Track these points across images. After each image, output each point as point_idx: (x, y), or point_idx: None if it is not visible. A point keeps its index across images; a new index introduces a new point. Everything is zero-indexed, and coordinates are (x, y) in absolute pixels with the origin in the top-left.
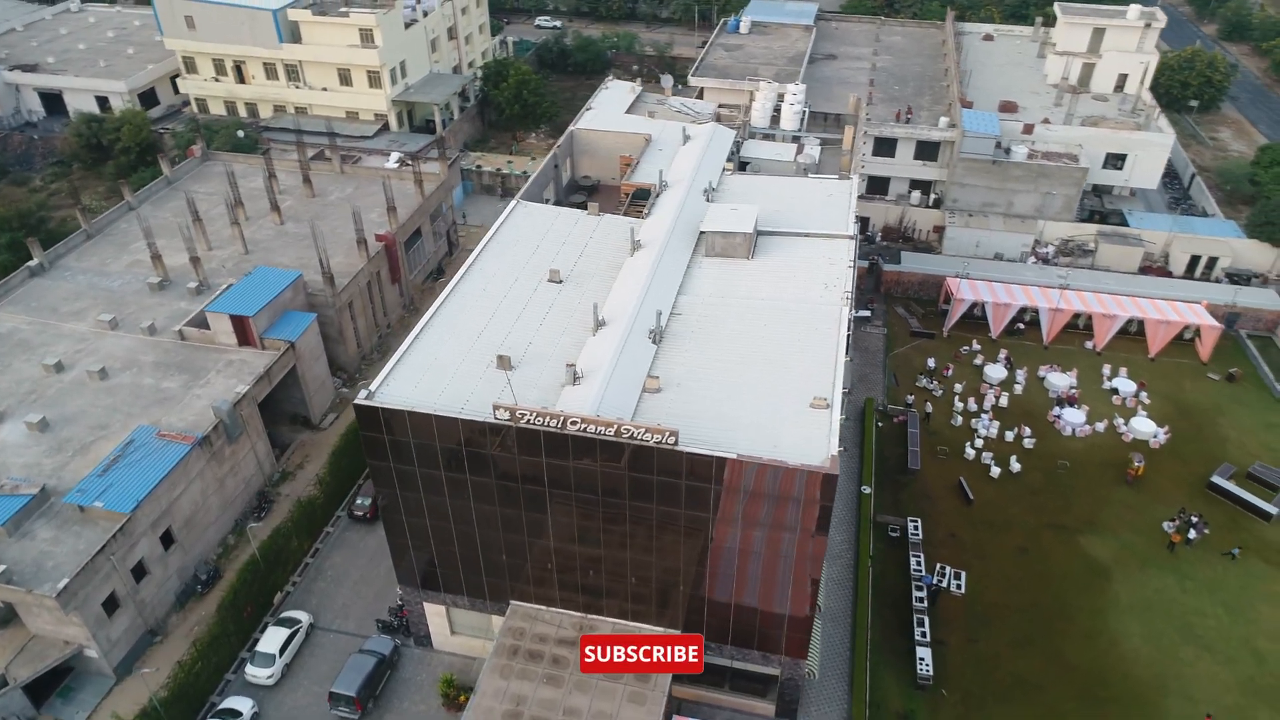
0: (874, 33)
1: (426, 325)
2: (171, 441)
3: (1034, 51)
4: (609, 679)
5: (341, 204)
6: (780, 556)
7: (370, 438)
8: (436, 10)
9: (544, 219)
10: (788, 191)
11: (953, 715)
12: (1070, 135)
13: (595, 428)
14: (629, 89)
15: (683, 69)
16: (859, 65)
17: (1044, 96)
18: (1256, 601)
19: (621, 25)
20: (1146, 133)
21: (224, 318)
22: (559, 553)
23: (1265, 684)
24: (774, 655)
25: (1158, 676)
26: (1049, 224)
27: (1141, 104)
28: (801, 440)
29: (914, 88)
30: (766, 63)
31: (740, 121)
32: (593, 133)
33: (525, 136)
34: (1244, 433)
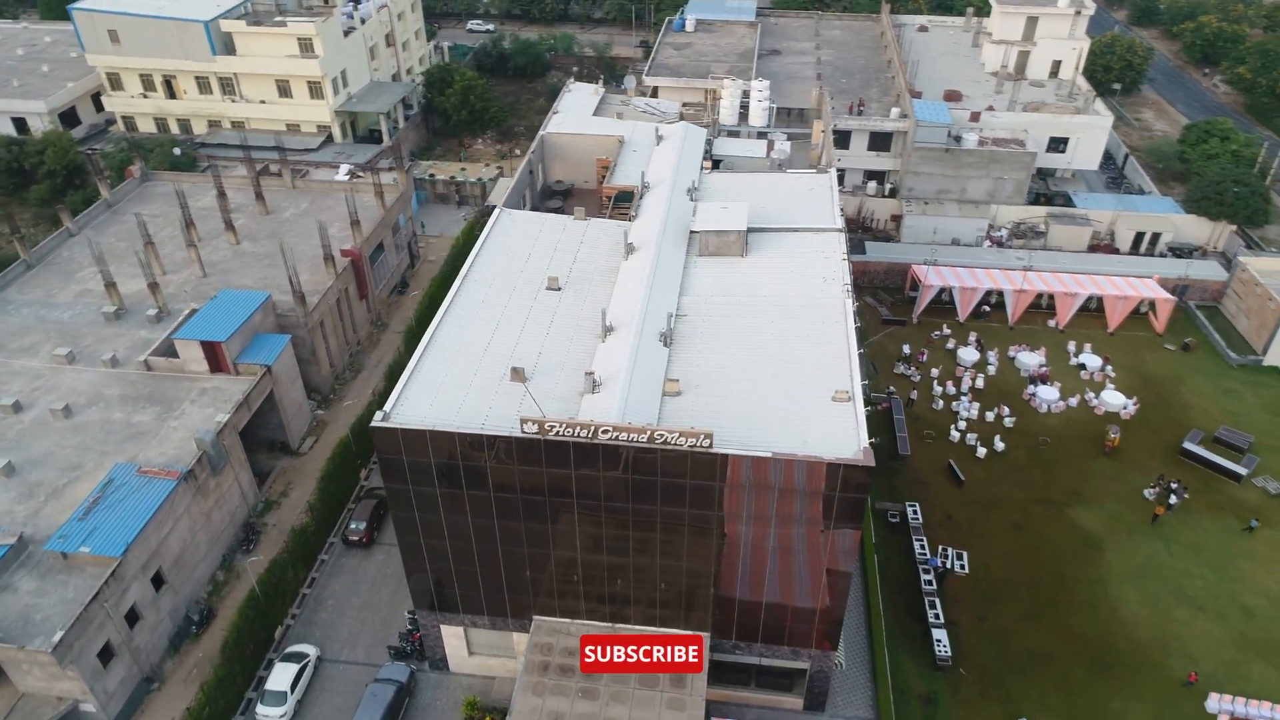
0: (814, 27)
1: (431, 341)
2: (154, 478)
3: (968, 41)
4: (644, 687)
5: (298, 220)
6: (813, 550)
7: (388, 460)
8: (373, 17)
9: (530, 226)
10: (769, 187)
11: (973, 693)
12: (1015, 121)
13: (627, 435)
14: (592, 91)
15: (622, 69)
16: (804, 60)
17: (984, 85)
18: (1238, 559)
19: (556, 27)
20: (1087, 116)
21: (194, 344)
22: (585, 564)
23: (1256, 637)
24: (804, 649)
25: (1158, 639)
26: (1001, 208)
27: (1077, 89)
28: (830, 434)
29: (860, 80)
30: (717, 60)
31: (709, 119)
32: (564, 136)
33: (472, 143)
34: (1204, 399)
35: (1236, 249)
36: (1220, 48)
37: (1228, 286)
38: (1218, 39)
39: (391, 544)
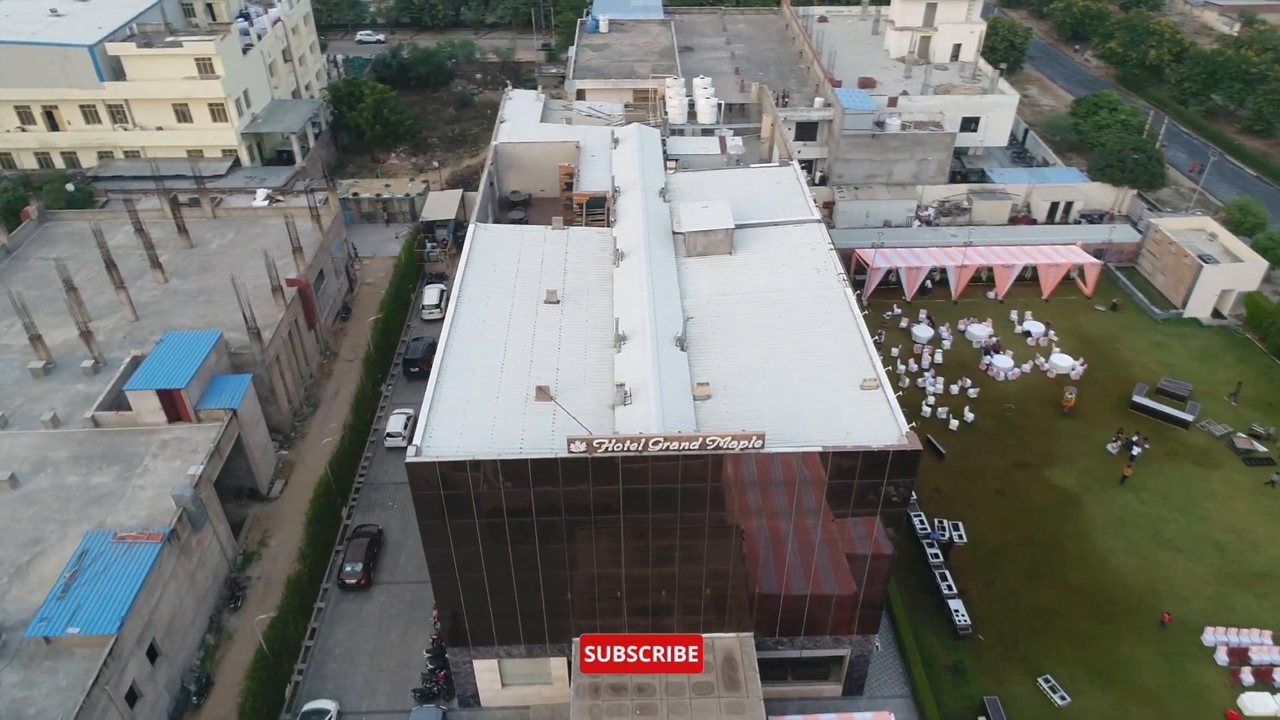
0: (720, 23)
1: (443, 368)
2: (135, 543)
3: (868, 30)
4: (700, 694)
5: (228, 252)
6: (859, 537)
7: (424, 497)
8: (269, 32)
9: (510, 239)
10: (737, 183)
11: (994, 657)
12: (930, 104)
13: (678, 444)
14: (534, 97)
15: (528, 73)
16: (719, 55)
17: (893, 71)
18: (1202, 501)
19: (449, 33)
20: (994, 96)
21: (149, 394)
22: (630, 577)
23: (1232, 571)
24: (846, 636)
25: (1148, 583)
26: (926, 188)
27: (980, 70)
28: (868, 422)
29: (776, 72)
30: (638, 59)
31: (659, 119)
32: (517, 146)
33: (386, 158)
34: (1139, 354)
35: (1140, 212)
36: (1088, 25)
37: (1141, 247)
38: (1085, 17)
39: (391, 582)
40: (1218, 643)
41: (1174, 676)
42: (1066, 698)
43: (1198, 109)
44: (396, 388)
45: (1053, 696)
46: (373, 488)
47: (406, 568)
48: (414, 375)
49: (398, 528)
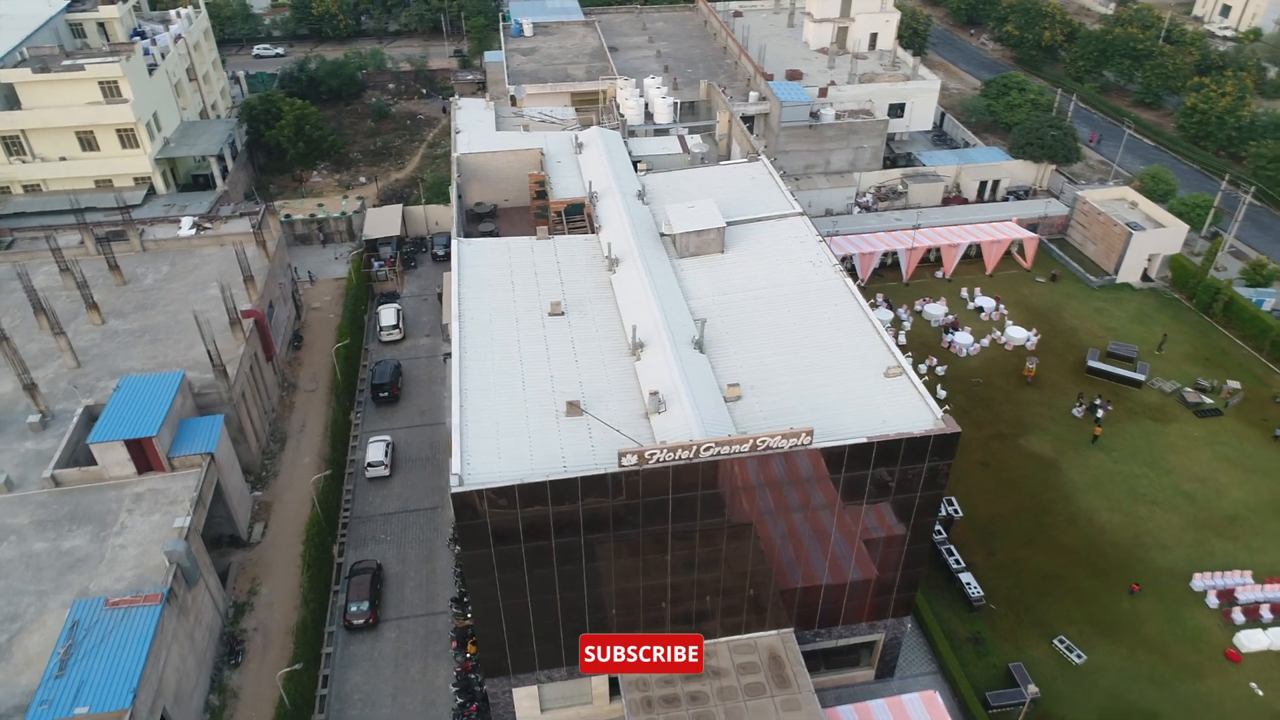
0: (638, 21)
1: (463, 392)
2: (131, 607)
3: (784, 23)
4: (752, 695)
5: (166, 286)
6: (897, 522)
7: (470, 527)
8: (171, 50)
9: (497, 253)
10: (712, 182)
11: (1008, 625)
12: (859, 93)
13: (729, 447)
14: (484, 105)
15: (444, 81)
16: (644, 54)
17: (815, 62)
18: (1166, 455)
19: (350, 44)
20: (917, 81)
21: (116, 446)
22: (675, 587)
23: (1204, 518)
24: (881, 621)
25: (1134, 537)
26: (863, 175)
27: (899, 58)
28: (901, 409)
29: (704, 69)
30: (571, 61)
31: (617, 121)
32: (480, 156)
33: (309, 176)
34: (1083, 320)
35: (1060, 186)
36: (981, 10)
37: (1070, 219)
38: (979, 2)
39: (399, 618)
40: (1206, 587)
41: (1173, 623)
42: (1082, 655)
43: (1092, 86)
44: (366, 415)
45: (1069, 655)
46: (361, 521)
47: (413, 600)
48: (383, 400)
49: (395, 560)
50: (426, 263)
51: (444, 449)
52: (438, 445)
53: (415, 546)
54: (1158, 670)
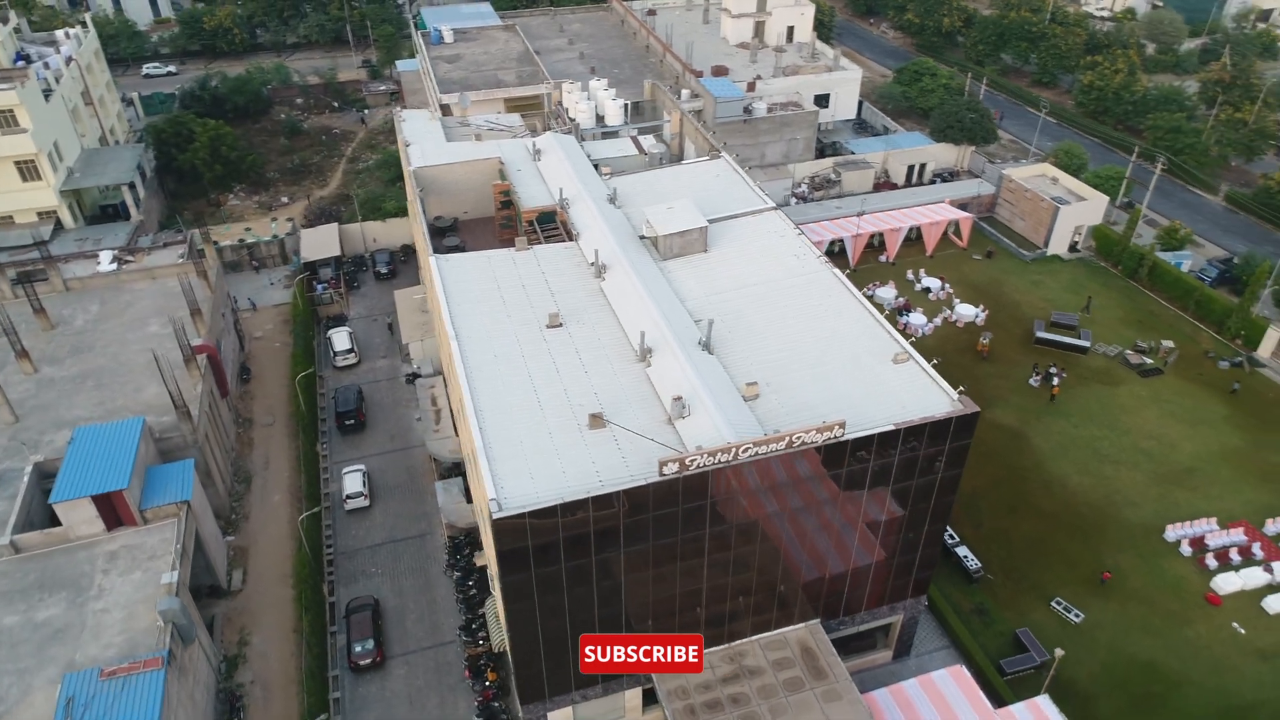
0: (555, 24)
1: (479, 415)
2: (130, 675)
3: (699, 19)
4: (791, 690)
5: (100, 328)
6: (920, 503)
7: (511, 552)
8: (65, 74)
9: (479, 268)
10: (679, 182)
11: (1007, 592)
12: (785, 86)
13: (766, 447)
14: (429, 116)
15: (355, 94)
16: (567, 56)
17: (737, 57)
18: (1120, 416)
19: (247, 59)
20: (839, 72)
21: (83, 503)
22: (710, 590)
23: (1164, 472)
24: (900, 602)
25: (1105, 497)
26: (798, 166)
27: (817, 50)
28: (917, 393)
29: (630, 68)
30: (499, 67)
31: (568, 125)
32: (436, 169)
33: (226, 199)
34: (1022, 293)
35: (981, 166)
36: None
37: (997, 198)
38: None
39: (406, 653)
40: (1178, 537)
41: (1155, 575)
42: (1080, 614)
43: (993, 68)
44: (333, 445)
45: (1068, 616)
46: (347, 556)
47: (417, 633)
48: (349, 429)
49: (391, 593)
50: (369, 282)
51: (422, 473)
52: (414, 470)
53: (409, 577)
54: (1149, 621)
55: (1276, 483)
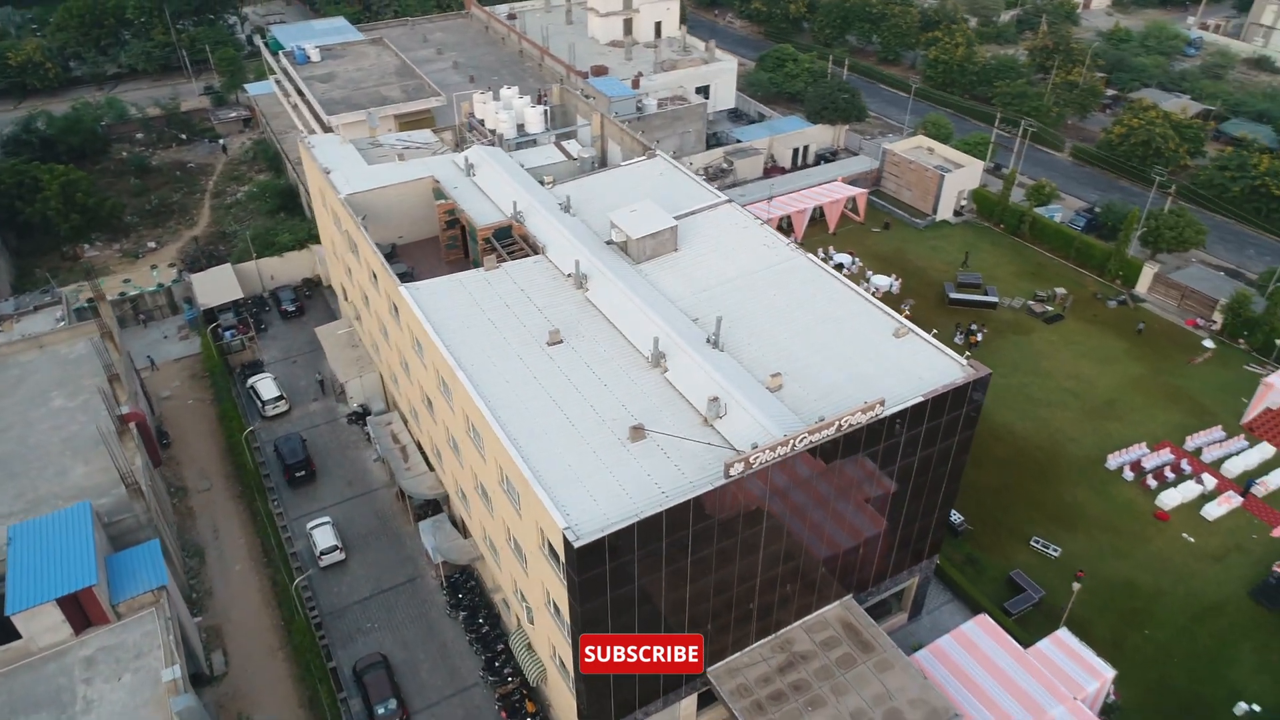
0: (416, 34)
1: (514, 443)
2: None
3: (561, 20)
4: (844, 667)
5: None
6: (940, 467)
7: (590, 579)
8: None
9: (452, 293)
10: (626, 184)
11: (990, 540)
12: (668, 80)
13: (819, 434)
14: (339, 140)
15: (203, 123)
16: (440, 66)
17: (611, 55)
18: (1039, 361)
19: (64, 95)
20: (716, 63)
21: (48, 609)
22: (762, 584)
23: (1090, 407)
24: (917, 565)
25: (1048, 437)
26: (693, 158)
27: (688, 44)
28: (928, 364)
29: (510, 74)
30: (379, 83)
31: (490, 137)
32: (368, 194)
33: (83, 251)
34: (924, 258)
35: (858, 144)
36: None
37: (882, 171)
38: None
39: (429, 706)
40: (1119, 464)
41: (1109, 502)
42: (1057, 549)
43: (841, 50)
44: (285, 501)
45: (1048, 552)
46: (335, 616)
47: (436, 683)
48: (299, 480)
49: (396, 646)
50: (276, 322)
51: (393, 516)
52: (384, 514)
53: (410, 626)
54: (1115, 544)
55: (1181, 403)
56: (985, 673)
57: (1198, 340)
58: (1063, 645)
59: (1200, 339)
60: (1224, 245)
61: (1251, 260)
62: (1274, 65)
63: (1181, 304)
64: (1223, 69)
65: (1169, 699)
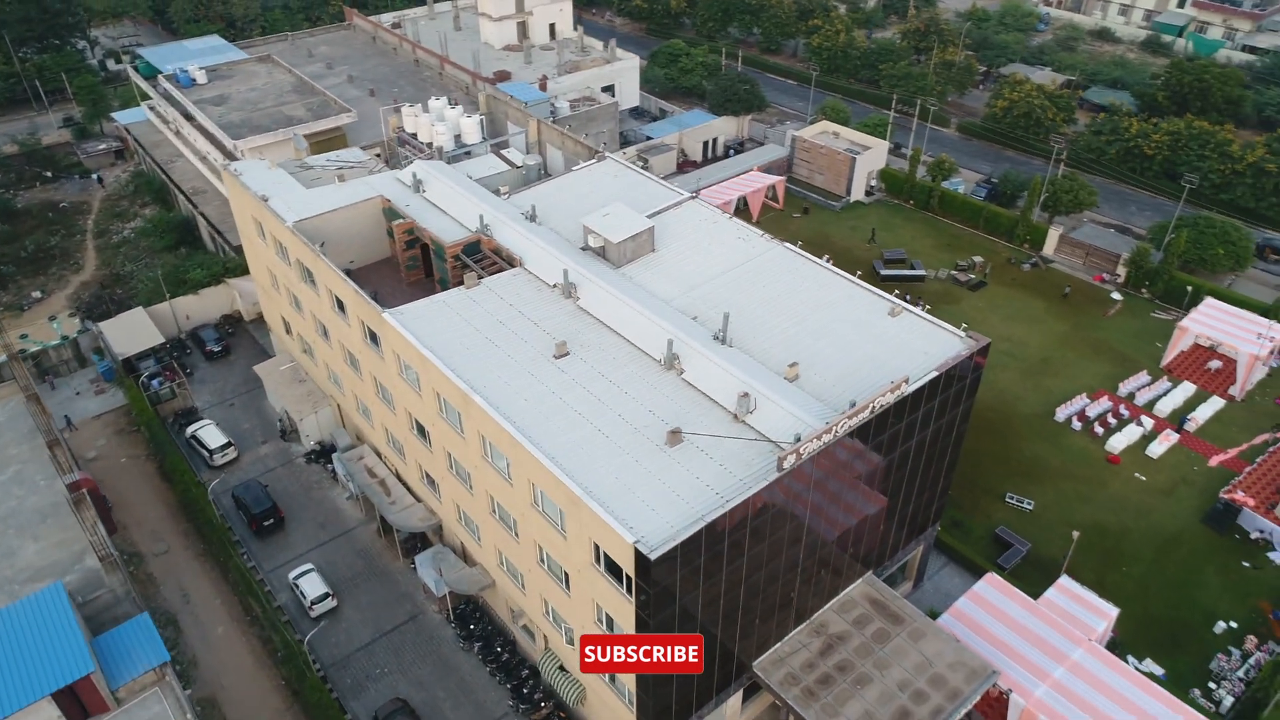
0: (298, 49)
1: (551, 459)
2: None
3: (449, 26)
4: (879, 642)
5: None
6: (946, 436)
7: (662, 590)
8: None
9: (440, 315)
10: (582, 188)
11: (967, 502)
12: (576, 81)
13: (858, 417)
14: (268, 165)
15: (66, 157)
16: (334, 81)
17: (510, 60)
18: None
19: None
20: (618, 62)
21: (43, 705)
22: (803, 572)
23: (1027, 366)
24: (924, 532)
25: (998, 398)
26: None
27: (585, 44)
28: (928, 337)
29: (412, 85)
30: (280, 102)
31: (431, 150)
32: (316, 219)
33: None
34: (846, 238)
35: (763, 133)
36: None
37: (792, 158)
38: None
39: None
40: (1066, 416)
41: (1065, 452)
42: (1030, 502)
43: (724, 43)
44: (253, 553)
45: (1022, 506)
46: (339, 667)
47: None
48: (267, 530)
49: (412, 689)
50: (201, 364)
51: (377, 554)
52: (367, 552)
53: (422, 665)
54: (1079, 491)
55: (1105, 353)
56: (1005, 627)
57: (1107, 294)
58: (1067, 591)
59: (1109, 292)
60: (1109, 204)
61: (1134, 216)
62: (1115, 36)
63: (1086, 261)
64: (1074, 41)
65: (1156, 629)
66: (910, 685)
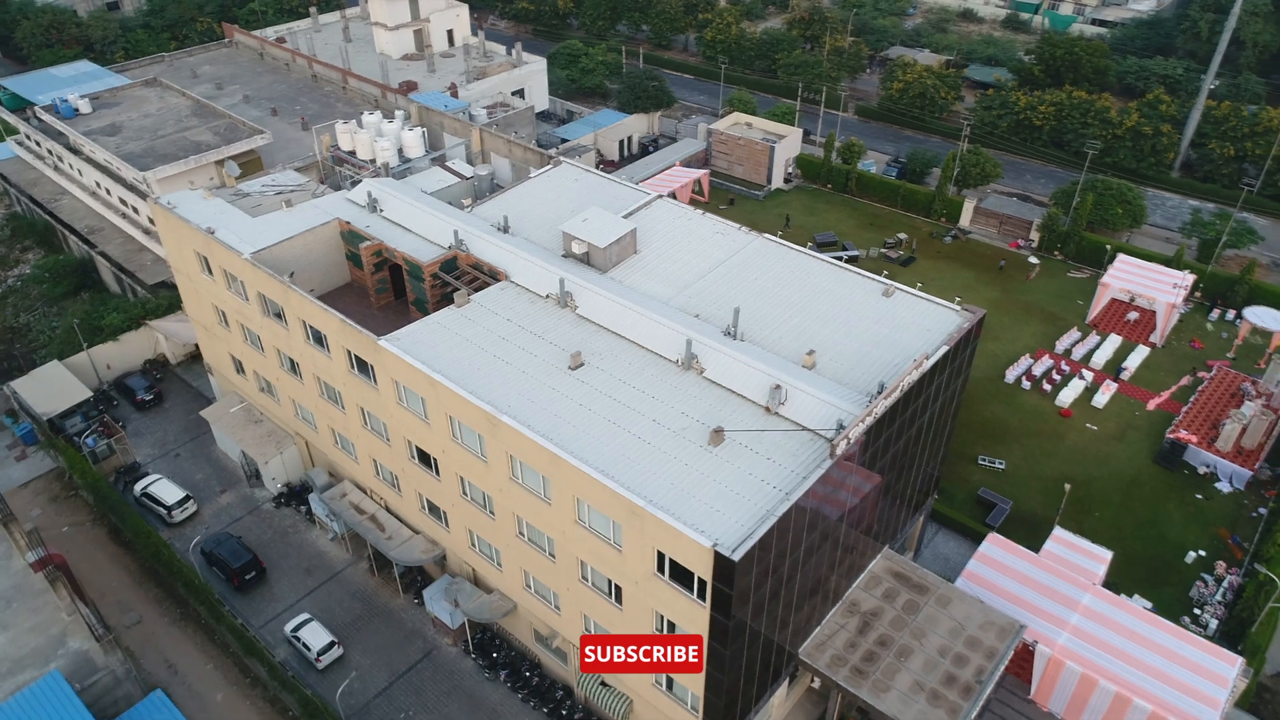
0: (181, 71)
1: (605, 476)
2: None
3: (338, 38)
4: (913, 614)
5: None
6: (948, 406)
7: (741, 591)
8: None
9: (438, 337)
10: (545, 195)
11: (944, 468)
12: (486, 88)
13: (890, 398)
14: (204, 194)
15: None
16: (230, 102)
17: (412, 69)
18: None
19: None
20: (526, 66)
21: None
22: (841, 555)
23: None
24: (924, 504)
25: None
26: None
27: (487, 49)
28: (926, 315)
29: (316, 101)
30: (184, 128)
31: (379, 166)
32: (273, 249)
33: None
34: (774, 226)
35: (674, 128)
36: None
37: (710, 151)
38: None
39: None
40: (1015, 376)
41: (1022, 411)
42: (1001, 462)
43: (615, 40)
44: (236, 610)
45: (995, 466)
46: (361, 716)
47: None
48: (249, 584)
49: None
50: (133, 416)
51: (374, 593)
52: (364, 593)
53: (449, 702)
54: (1042, 447)
55: (1035, 314)
56: (1017, 582)
57: (1024, 259)
58: (1064, 542)
59: (1025, 257)
60: (1007, 175)
61: (1030, 184)
62: (978, 16)
63: (1000, 230)
64: (945, 23)
65: (1139, 567)
66: (950, 650)
